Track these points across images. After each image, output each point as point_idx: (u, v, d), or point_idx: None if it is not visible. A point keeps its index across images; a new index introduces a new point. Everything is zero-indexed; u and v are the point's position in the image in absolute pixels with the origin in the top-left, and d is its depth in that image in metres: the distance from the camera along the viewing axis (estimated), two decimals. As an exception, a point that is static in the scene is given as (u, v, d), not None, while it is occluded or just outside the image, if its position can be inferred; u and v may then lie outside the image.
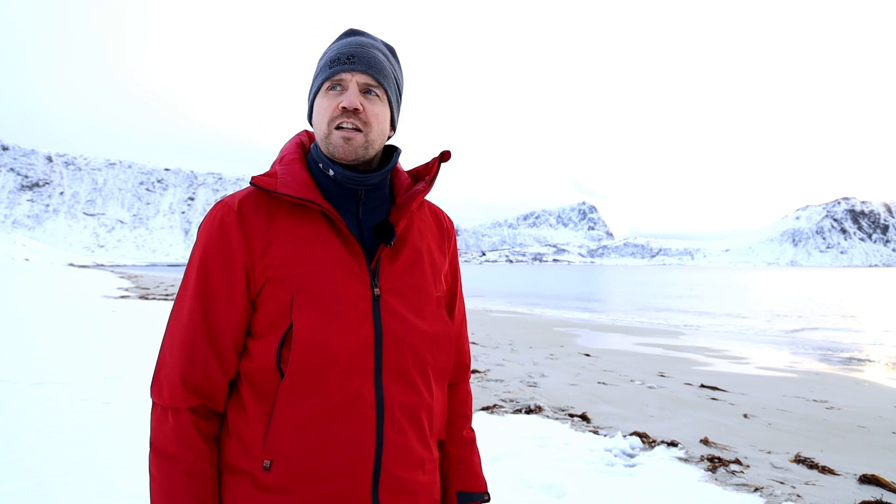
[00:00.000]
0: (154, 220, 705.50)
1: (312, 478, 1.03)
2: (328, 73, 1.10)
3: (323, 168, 1.12)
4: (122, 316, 13.89)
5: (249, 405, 1.07)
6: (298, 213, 1.09)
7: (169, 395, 1.07)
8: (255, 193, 1.11)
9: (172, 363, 1.07)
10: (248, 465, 1.06)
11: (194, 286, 1.08)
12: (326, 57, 1.12)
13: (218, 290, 1.07)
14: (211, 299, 1.07)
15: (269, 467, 1.03)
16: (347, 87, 1.09)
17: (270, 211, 1.09)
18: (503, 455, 4.42)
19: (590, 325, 17.32)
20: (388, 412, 1.07)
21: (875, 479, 4.23)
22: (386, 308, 1.08)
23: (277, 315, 1.05)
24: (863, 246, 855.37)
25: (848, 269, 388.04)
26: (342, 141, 1.08)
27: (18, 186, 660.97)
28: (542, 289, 46.69)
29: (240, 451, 1.07)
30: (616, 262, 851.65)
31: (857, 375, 9.52)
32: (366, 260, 1.10)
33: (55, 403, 5.31)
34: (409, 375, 1.10)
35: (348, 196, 1.13)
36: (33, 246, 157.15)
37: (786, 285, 57.81)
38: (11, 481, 3.47)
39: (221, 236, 1.07)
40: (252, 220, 1.07)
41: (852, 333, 16.64)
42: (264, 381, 1.05)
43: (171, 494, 1.04)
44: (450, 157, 1.20)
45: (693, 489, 3.96)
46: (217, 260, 1.07)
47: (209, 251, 1.08)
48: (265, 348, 1.05)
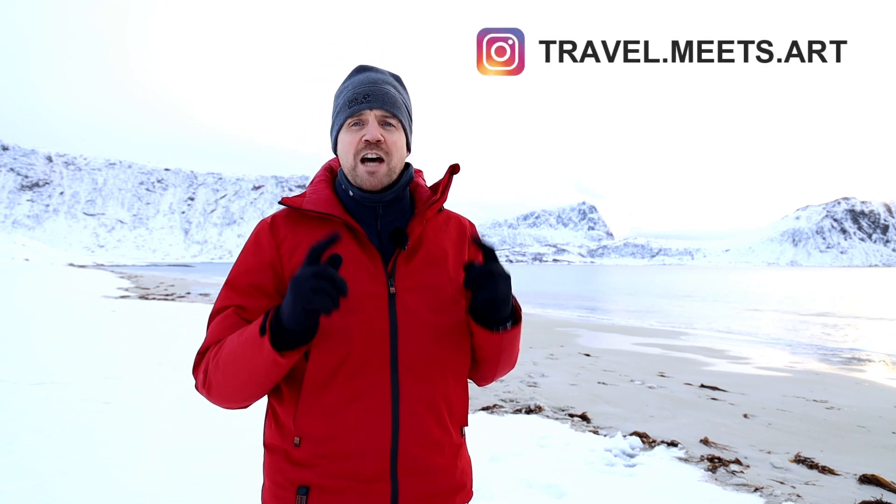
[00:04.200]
0: (154, 220, 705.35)
1: (334, 456, 1.16)
2: (349, 112, 1.26)
3: (346, 190, 1.30)
4: (122, 316, 13.89)
5: (285, 389, 1.22)
6: (322, 225, 1.26)
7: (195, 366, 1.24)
8: (287, 211, 1.31)
9: (206, 337, 1.24)
10: (282, 443, 1.21)
11: (226, 283, 1.28)
12: (344, 97, 1.29)
13: (245, 284, 1.25)
14: (238, 293, 1.25)
15: (298, 444, 1.18)
16: (367, 122, 1.25)
17: (297, 223, 1.28)
18: (503, 455, 4.42)
19: (590, 325, 17.32)
20: (403, 400, 1.18)
21: (875, 479, 4.24)
22: (401, 304, 1.20)
23: None
24: (863, 246, 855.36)
25: (848, 269, 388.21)
26: (367, 175, 1.25)
27: (18, 186, 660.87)
28: (542, 289, 46.69)
29: (276, 430, 1.23)
30: (616, 262, 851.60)
31: (857, 375, 9.52)
32: (383, 263, 1.23)
33: (55, 403, 5.31)
34: (422, 366, 1.21)
35: (368, 211, 1.29)
36: (33, 246, 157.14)
37: (786, 285, 57.83)
38: (11, 481, 3.47)
39: (256, 243, 1.27)
40: (282, 230, 1.27)
41: (852, 333, 16.65)
42: (295, 368, 1.19)
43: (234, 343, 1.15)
44: (459, 170, 1.36)
45: (693, 489, 3.96)
46: (250, 261, 1.26)
47: (247, 254, 1.28)
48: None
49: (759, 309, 25.53)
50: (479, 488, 3.72)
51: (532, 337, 13.25)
